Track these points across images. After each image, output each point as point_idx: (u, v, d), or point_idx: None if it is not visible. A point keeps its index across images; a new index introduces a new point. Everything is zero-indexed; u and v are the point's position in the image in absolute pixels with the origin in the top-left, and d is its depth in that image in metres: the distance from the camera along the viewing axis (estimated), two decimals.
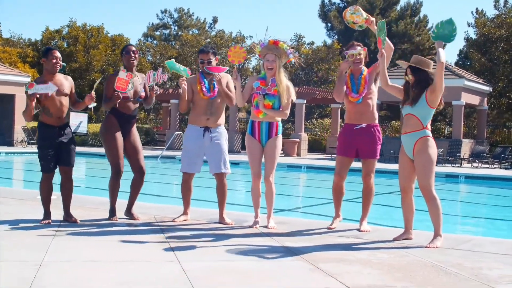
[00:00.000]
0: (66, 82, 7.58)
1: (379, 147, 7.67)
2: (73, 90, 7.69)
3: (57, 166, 7.61)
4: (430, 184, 6.75)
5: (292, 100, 7.69)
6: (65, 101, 7.51)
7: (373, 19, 7.19)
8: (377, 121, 7.71)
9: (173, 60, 8.14)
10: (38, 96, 7.25)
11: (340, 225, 7.89)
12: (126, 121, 7.92)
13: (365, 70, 7.63)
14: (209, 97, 7.83)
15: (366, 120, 7.60)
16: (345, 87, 7.60)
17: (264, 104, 7.57)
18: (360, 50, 7.55)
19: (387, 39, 7.23)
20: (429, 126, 6.88)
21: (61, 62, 7.54)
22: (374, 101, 7.64)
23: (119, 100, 7.57)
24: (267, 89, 7.59)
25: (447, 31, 6.73)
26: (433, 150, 6.83)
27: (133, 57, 7.91)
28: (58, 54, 7.52)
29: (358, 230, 7.59)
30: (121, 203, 8.14)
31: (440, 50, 6.71)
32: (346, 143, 7.68)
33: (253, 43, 8.31)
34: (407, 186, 7.01)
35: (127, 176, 8.10)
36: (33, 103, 7.26)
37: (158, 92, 7.94)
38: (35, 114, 7.47)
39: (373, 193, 7.76)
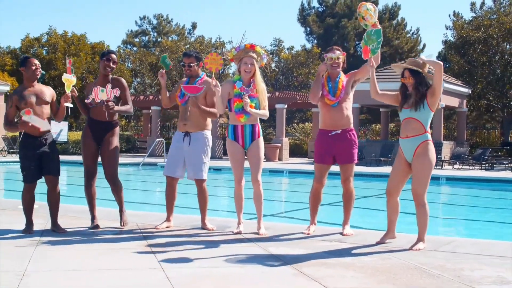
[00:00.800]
0: (47, 91, 7.55)
1: (356, 151, 7.68)
2: (54, 100, 7.65)
3: (41, 176, 7.56)
4: (424, 190, 6.77)
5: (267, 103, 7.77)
6: (46, 109, 7.47)
7: (380, 27, 7.18)
8: (352, 125, 7.71)
9: (167, 55, 8.19)
10: (30, 125, 7.21)
11: (322, 229, 7.92)
12: (100, 128, 7.91)
13: (342, 74, 7.65)
14: (181, 103, 7.87)
15: (342, 125, 7.61)
16: (322, 89, 7.62)
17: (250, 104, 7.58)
18: (339, 55, 7.57)
19: (379, 51, 7.18)
20: (429, 130, 6.89)
21: (40, 69, 7.52)
22: (349, 105, 7.66)
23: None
24: (250, 89, 7.61)
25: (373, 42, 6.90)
26: (433, 155, 6.82)
27: (111, 67, 7.89)
28: (36, 61, 7.49)
29: (341, 233, 7.61)
30: (103, 210, 8.11)
31: (427, 57, 6.74)
32: (322, 150, 7.68)
33: (232, 48, 8.34)
34: (395, 189, 7.00)
35: (106, 183, 8.08)
36: (24, 129, 7.26)
37: (113, 108, 7.71)
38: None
39: (353, 197, 7.78)
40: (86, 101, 7.80)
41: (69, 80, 7.54)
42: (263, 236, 7.48)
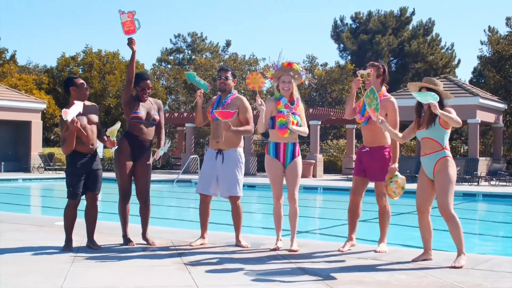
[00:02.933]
0: (94, 110, 7.65)
1: (385, 169, 7.61)
2: (98, 120, 7.76)
3: (85, 193, 7.63)
4: (448, 204, 6.71)
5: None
6: (95, 128, 7.59)
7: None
8: (387, 143, 7.64)
9: (195, 73, 8.17)
10: (77, 123, 7.21)
11: (357, 247, 7.85)
12: (139, 145, 7.94)
13: (380, 93, 7.52)
14: (212, 118, 7.86)
15: (372, 142, 7.60)
16: (357, 106, 7.65)
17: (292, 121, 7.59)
18: (368, 71, 7.53)
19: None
20: (448, 146, 6.85)
21: (87, 88, 7.60)
22: (382, 133, 7.58)
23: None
24: (293, 108, 7.64)
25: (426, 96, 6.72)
26: (453, 170, 6.79)
27: (147, 93, 7.92)
28: (81, 80, 7.61)
29: (375, 251, 7.55)
30: (137, 227, 8.15)
31: (437, 111, 6.64)
32: (357, 164, 7.77)
33: (266, 65, 8.37)
34: (424, 207, 6.98)
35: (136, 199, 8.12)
36: (78, 126, 7.23)
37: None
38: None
39: (388, 214, 7.71)
40: (135, 114, 7.81)
41: (114, 130, 7.51)
42: (295, 252, 7.44)
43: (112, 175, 8.40)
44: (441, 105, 6.75)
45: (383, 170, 7.56)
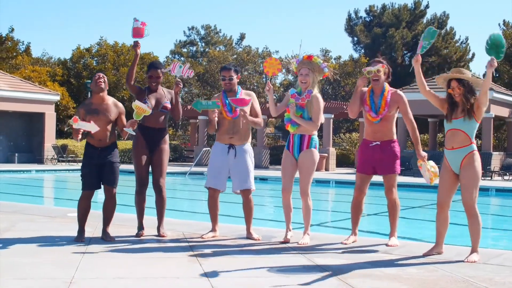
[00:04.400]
0: (114, 109, 7.71)
1: (397, 161, 7.60)
2: (122, 118, 7.80)
3: (100, 185, 7.73)
4: (474, 200, 6.68)
5: (320, 116, 7.70)
6: (109, 125, 7.64)
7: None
8: (394, 137, 7.65)
9: (199, 99, 8.20)
10: (81, 131, 7.38)
11: (369, 240, 7.86)
12: (153, 135, 7.99)
13: (386, 89, 7.55)
14: (232, 118, 7.86)
15: (382, 137, 7.57)
16: (364, 104, 7.59)
17: (295, 114, 7.60)
18: (378, 67, 7.48)
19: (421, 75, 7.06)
20: (474, 140, 6.80)
21: (103, 80, 7.66)
22: (392, 119, 7.59)
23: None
24: (301, 98, 7.62)
25: (497, 49, 6.58)
26: (480, 165, 6.75)
27: (155, 81, 8.00)
28: (100, 74, 7.71)
29: (386, 244, 7.54)
30: (150, 219, 8.18)
31: (489, 71, 6.59)
32: (362, 160, 7.70)
33: (288, 58, 8.41)
34: (445, 202, 6.91)
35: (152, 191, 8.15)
36: (79, 137, 7.41)
37: (181, 87, 8.06)
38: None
39: (397, 207, 7.66)
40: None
41: (142, 109, 7.55)
42: (303, 245, 7.45)
43: (126, 167, 8.44)
44: (472, 93, 6.70)
45: (394, 163, 7.55)
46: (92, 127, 7.40)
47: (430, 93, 7.01)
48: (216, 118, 7.83)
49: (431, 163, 7.37)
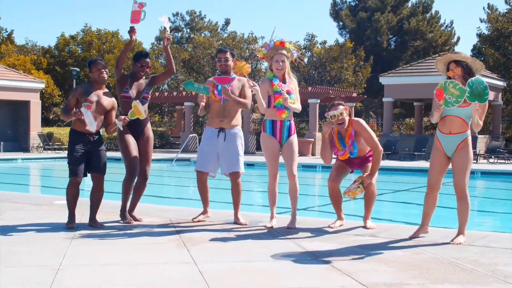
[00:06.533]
0: (110, 101, 7.70)
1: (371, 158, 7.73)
2: (113, 111, 7.78)
3: (87, 172, 7.71)
4: (466, 183, 6.74)
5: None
6: (100, 114, 7.62)
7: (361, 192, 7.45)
8: (367, 150, 7.74)
9: (191, 80, 8.20)
10: (82, 117, 7.37)
11: (355, 223, 7.90)
12: (138, 124, 8.01)
13: (349, 125, 7.52)
14: (220, 99, 7.87)
15: (360, 155, 7.71)
16: (334, 147, 7.64)
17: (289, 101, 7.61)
18: (341, 110, 7.39)
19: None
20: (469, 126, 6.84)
21: (105, 72, 7.68)
22: (363, 145, 7.64)
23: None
24: (287, 86, 7.64)
25: (479, 89, 6.47)
26: (471, 150, 6.82)
27: (145, 71, 8.03)
28: (101, 65, 7.69)
29: (364, 227, 7.65)
30: (143, 206, 8.20)
31: (475, 114, 6.53)
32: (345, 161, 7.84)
33: (257, 46, 8.45)
34: (436, 183, 6.95)
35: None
36: (71, 119, 7.44)
37: (170, 40, 8.17)
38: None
39: (375, 197, 7.72)
40: (124, 94, 7.94)
41: (139, 111, 7.61)
42: (290, 228, 7.51)
43: (112, 154, 8.44)
44: (471, 75, 6.68)
45: (369, 161, 7.68)
46: (92, 124, 7.44)
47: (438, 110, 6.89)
48: (203, 103, 7.83)
49: (362, 189, 7.46)
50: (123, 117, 7.66)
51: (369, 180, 7.44)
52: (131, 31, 8.04)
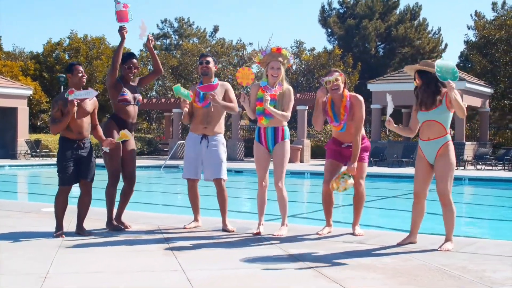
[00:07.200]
0: (89, 104, 7.62)
1: (367, 154, 7.70)
2: (96, 110, 7.74)
3: (77, 180, 7.63)
4: (449, 190, 6.76)
5: (291, 107, 7.73)
6: (87, 119, 7.57)
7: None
8: (362, 132, 7.65)
9: (179, 85, 8.20)
10: (78, 101, 7.29)
11: (343, 231, 7.90)
12: (129, 128, 7.98)
13: (345, 96, 7.50)
14: (202, 106, 7.89)
15: (351, 139, 7.57)
16: (327, 115, 7.61)
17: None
18: (336, 76, 7.42)
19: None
20: (449, 130, 6.87)
21: (85, 76, 7.62)
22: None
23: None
24: (274, 90, 7.61)
25: (449, 71, 6.60)
26: (454, 155, 6.84)
27: (133, 72, 8.00)
28: (81, 68, 7.61)
29: (352, 234, 7.63)
30: (129, 213, 8.16)
31: (451, 93, 6.55)
32: (332, 149, 7.75)
33: (253, 50, 8.40)
34: (422, 192, 6.98)
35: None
36: (74, 109, 7.28)
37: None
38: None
39: (364, 199, 7.75)
40: (122, 97, 7.90)
41: (126, 136, 7.63)
42: (279, 236, 7.48)
43: (99, 161, 8.40)
44: (434, 86, 6.75)
45: (362, 156, 7.61)
46: (89, 93, 7.34)
47: (414, 128, 7.11)
48: (186, 109, 7.87)
49: (351, 180, 7.41)
50: (108, 141, 7.63)
51: (352, 167, 7.39)
52: (122, 29, 7.95)
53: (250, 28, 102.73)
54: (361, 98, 7.56)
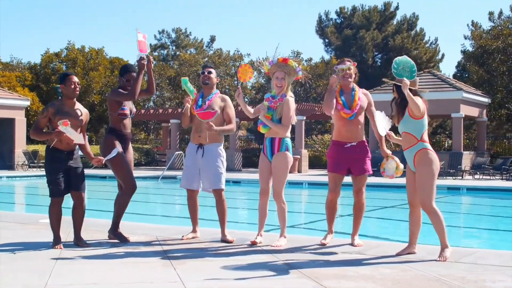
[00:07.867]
0: (83, 113, 7.64)
1: (369, 162, 7.74)
2: (86, 122, 7.74)
3: (68, 191, 7.59)
4: (429, 198, 6.75)
5: (291, 117, 7.70)
6: (78, 130, 7.54)
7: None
8: (364, 138, 7.78)
9: (187, 78, 8.24)
10: (64, 135, 7.25)
11: (340, 241, 7.89)
12: (125, 140, 8.03)
13: (356, 88, 7.67)
14: (196, 113, 7.90)
15: (357, 138, 7.63)
16: (336, 103, 7.61)
17: (265, 115, 7.60)
18: (350, 65, 7.57)
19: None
20: (425, 138, 6.89)
21: (79, 87, 7.63)
22: (363, 118, 7.71)
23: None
24: (274, 101, 7.63)
25: (406, 69, 6.77)
26: (432, 163, 6.82)
27: (131, 84, 8.00)
28: (76, 79, 7.59)
29: (351, 244, 7.62)
30: (122, 224, 8.14)
31: (405, 91, 6.66)
32: (337, 160, 7.70)
33: (261, 59, 8.39)
34: (414, 200, 7.01)
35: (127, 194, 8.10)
36: (58, 136, 7.27)
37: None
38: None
39: (364, 208, 7.76)
40: (122, 112, 7.94)
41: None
42: (277, 247, 7.46)
43: (98, 172, 8.39)
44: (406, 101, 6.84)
45: (368, 164, 7.67)
46: (78, 137, 7.34)
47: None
48: (189, 105, 7.96)
49: (397, 159, 7.52)
50: (97, 159, 7.63)
51: (385, 154, 7.68)
52: (142, 59, 7.95)
53: (248, 39, 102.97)
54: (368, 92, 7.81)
